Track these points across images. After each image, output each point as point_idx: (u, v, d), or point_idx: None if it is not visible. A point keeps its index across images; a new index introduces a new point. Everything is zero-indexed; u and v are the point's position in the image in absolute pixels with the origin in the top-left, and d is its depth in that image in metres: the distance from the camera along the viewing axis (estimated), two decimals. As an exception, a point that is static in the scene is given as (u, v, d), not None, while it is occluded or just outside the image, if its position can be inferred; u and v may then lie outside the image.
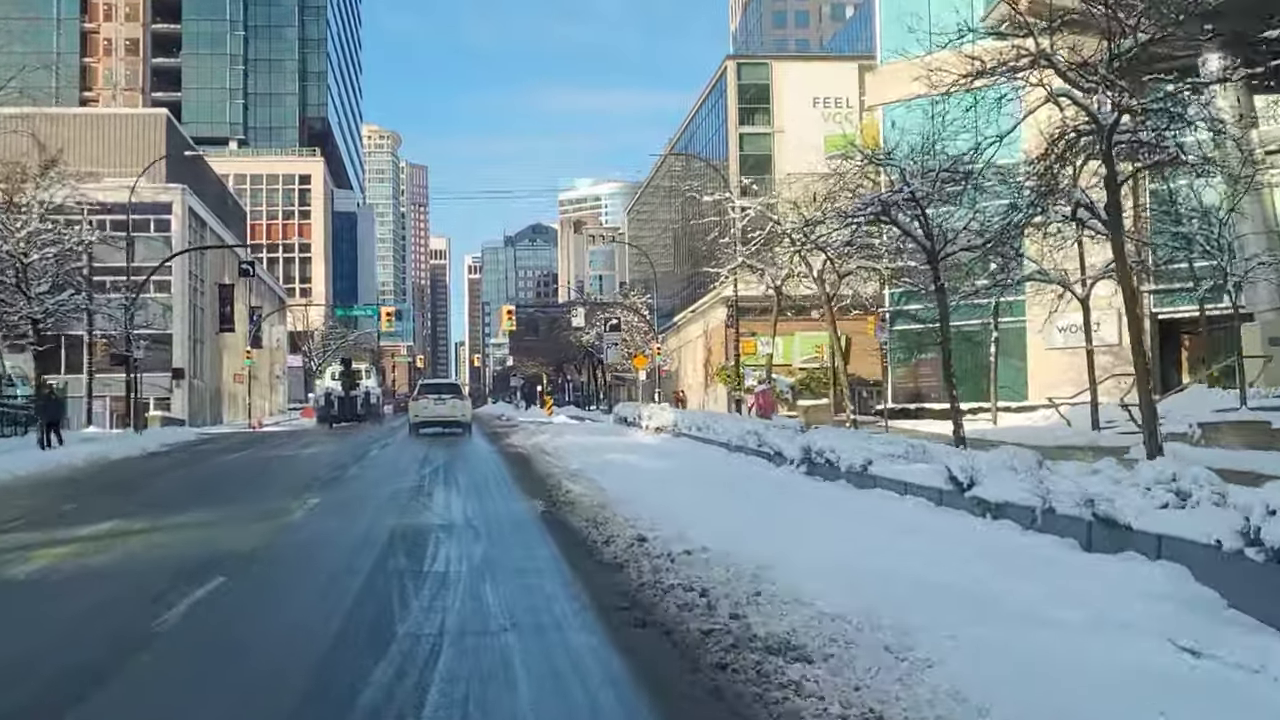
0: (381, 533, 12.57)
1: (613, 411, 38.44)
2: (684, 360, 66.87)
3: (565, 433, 32.96)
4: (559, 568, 10.14)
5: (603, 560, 10.47)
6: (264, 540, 12.14)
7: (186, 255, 60.59)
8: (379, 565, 10.28)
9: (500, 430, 39.56)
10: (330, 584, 9.49)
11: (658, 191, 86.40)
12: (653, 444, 26.66)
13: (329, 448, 31.78)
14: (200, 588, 9.10)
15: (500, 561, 10.47)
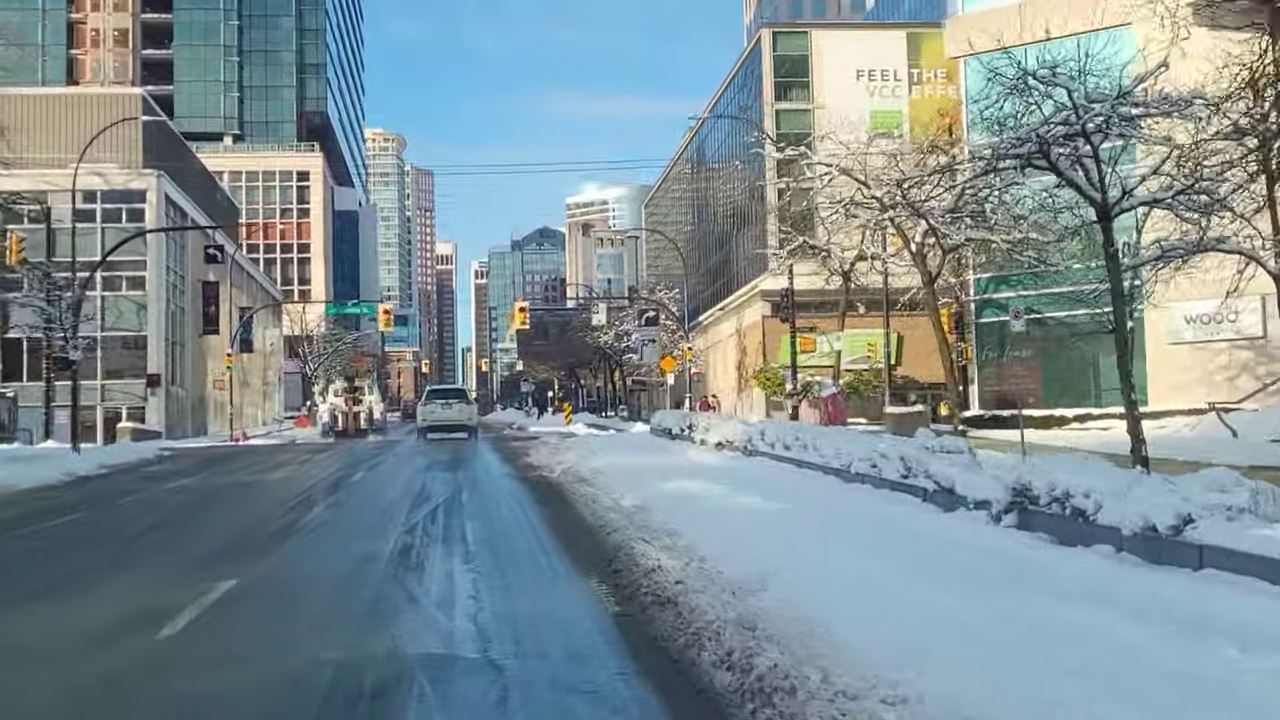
0: (306, 699, 6.01)
1: (651, 422, 31.76)
2: (713, 363, 60.33)
3: (597, 449, 26.42)
4: None
5: None
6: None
7: (162, 248, 54.13)
8: None
9: (516, 444, 33.00)
10: None
11: (675, 186, 79.93)
12: (724, 467, 20.10)
13: (306, 470, 25.29)
14: None
15: None
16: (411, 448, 34.50)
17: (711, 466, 20.47)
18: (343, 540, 12.55)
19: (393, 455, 29.76)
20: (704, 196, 69.77)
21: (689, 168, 76.85)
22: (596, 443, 30.12)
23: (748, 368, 56.53)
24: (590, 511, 14.52)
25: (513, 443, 33.99)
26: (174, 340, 56.75)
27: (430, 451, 30.24)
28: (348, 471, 23.43)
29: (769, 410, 53.43)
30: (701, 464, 21.36)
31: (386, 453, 31.20)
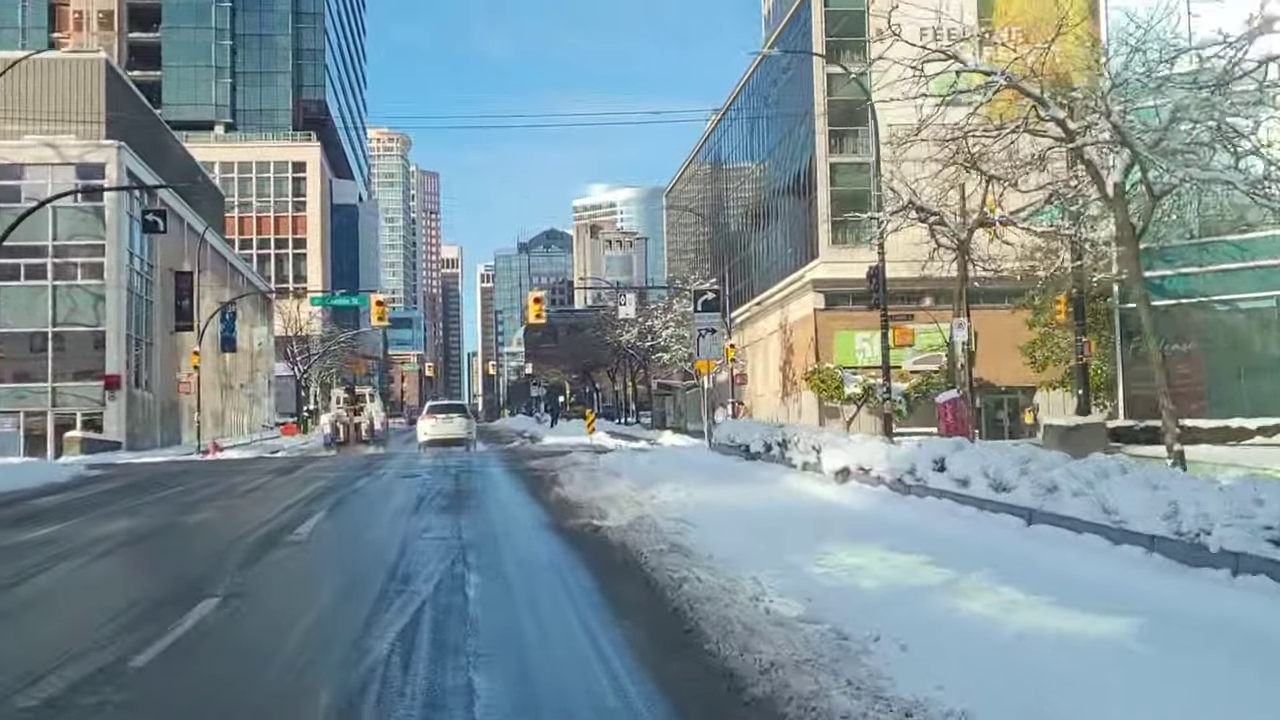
0: None
1: (715, 434, 24.00)
2: (750, 365, 52.52)
3: (652, 474, 18.83)
4: None
5: None
6: None
7: (125, 231, 46.49)
8: None
9: (537, 464, 25.18)
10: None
11: (690, 187, 72.16)
12: (896, 518, 12.40)
13: (247, 506, 17.69)
14: None
15: None
16: (406, 466, 26.91)
17: (867, 515, 12.78)
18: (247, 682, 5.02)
19: (380, 480, 22.07)
20: (732, 185, 62.15)
21: (712, 158, 69.16)
22: (644, 463, 22.43)
23: (794, 369, 48.82)
24: (731, 643, 6.85)
25: (532, 461, 26.21)
26: (140, 337, 49.12)
27: (427, 475, 22.57)
28: (303, 511, 15.75)
29: (822, 418, 45.72)
30: (841, 508, 13.69)
31: (374, 475, 23.53)
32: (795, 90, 51.54)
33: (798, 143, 51.69)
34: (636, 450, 29.30)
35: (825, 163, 47.97)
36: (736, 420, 24.14)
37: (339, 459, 32.61)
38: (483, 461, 28.04)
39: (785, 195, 53.39)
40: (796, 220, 51.98)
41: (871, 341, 46.18)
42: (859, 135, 49.11)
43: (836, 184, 48.29)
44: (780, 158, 54.45)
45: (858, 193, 48.53)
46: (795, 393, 48.98)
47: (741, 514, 13.12)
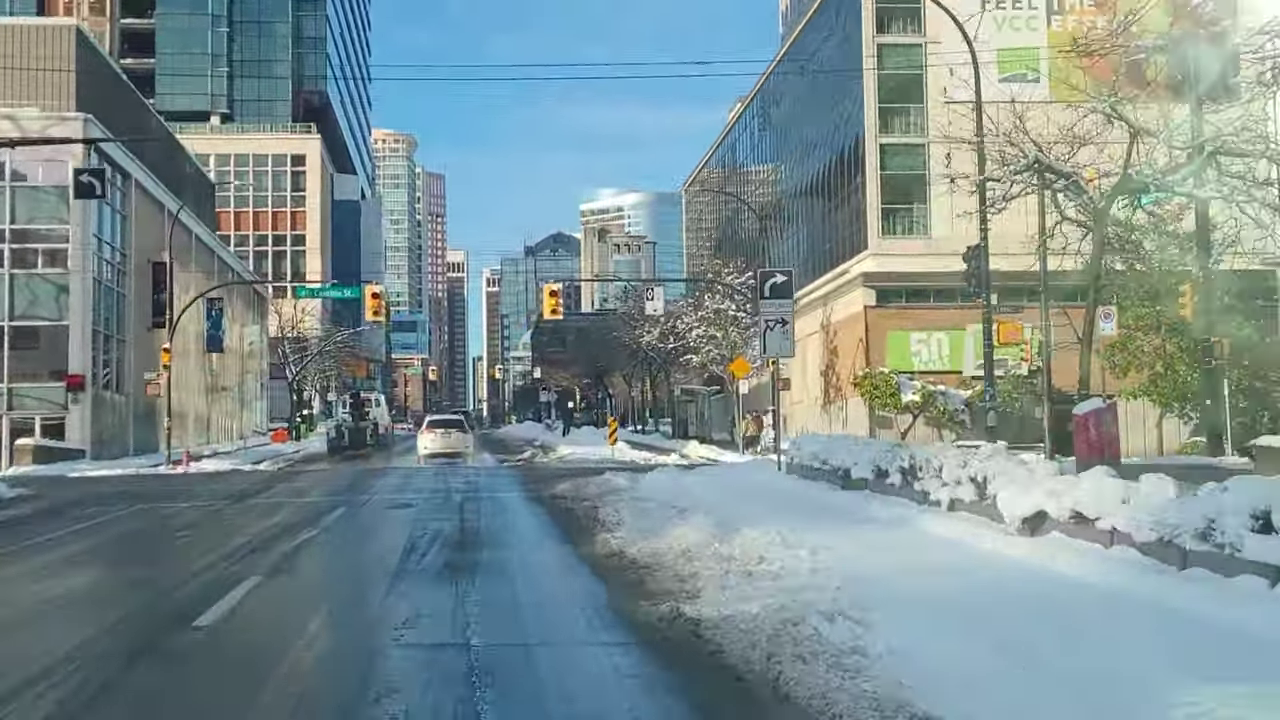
0: None
1: (789, 453, 18.45)
2: (785, 368, 46.93)
3: (741, 515, 13.50)
4: None
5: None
6: None
7: (92, 215, 41.27)
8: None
9: (564, 489, 19.50)
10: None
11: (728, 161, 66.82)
12: (1230, 619, 6.93)
13: (173, 561, 12.43)
14: None
15: None
16: (400, 487, 21.59)
17: (1179, 611, 7.40)
18: None
19: (361, 512, 16.72)
20: (762, 173, 56.84)
21: (740, 145, 63.83)
22: (702, 490, 17.12)
23: (839, 374, 43.43)
24: None
25: (556, 485, 20.65)
26: (109, 333, 43.90)
27: (423, 505, 17.19)
28: (225, 574, 10.37)
29: (873, 428, 40.31)
30: (1089, 588, 8.37)
31: (356, 503, 18.17)
32: (840, 64, 46.22)
33: (841, 123, 46.39)
34: (681, 469, 23.92)
35: (875, 144, 42.66)
36: (823, 437, 18.70)
37: (322, 476, 27.30)
38: (493, 482, 22.70)
39: (825, 182, 48.07)
40: (840, 209, 46.66)
41: (928, 343, 40.95)
42: (911, 114, 43.82)
43: (888, 167, 42.97)
44: (820, 140, 49.16)
45: (912, 177, 43.32)
46: (839, 400, 43.58)
47: (941, 601, 7.77)
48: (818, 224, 49.51)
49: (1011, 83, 43.20)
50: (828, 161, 47.77)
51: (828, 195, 48.04)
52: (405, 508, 16.67)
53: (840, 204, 46.40)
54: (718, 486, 17.86)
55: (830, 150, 47.54)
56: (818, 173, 49.38)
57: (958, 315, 41.16)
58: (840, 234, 45.99)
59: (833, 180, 47.22)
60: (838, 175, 46.64)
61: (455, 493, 19.47)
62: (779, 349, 20.59)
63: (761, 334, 20.82)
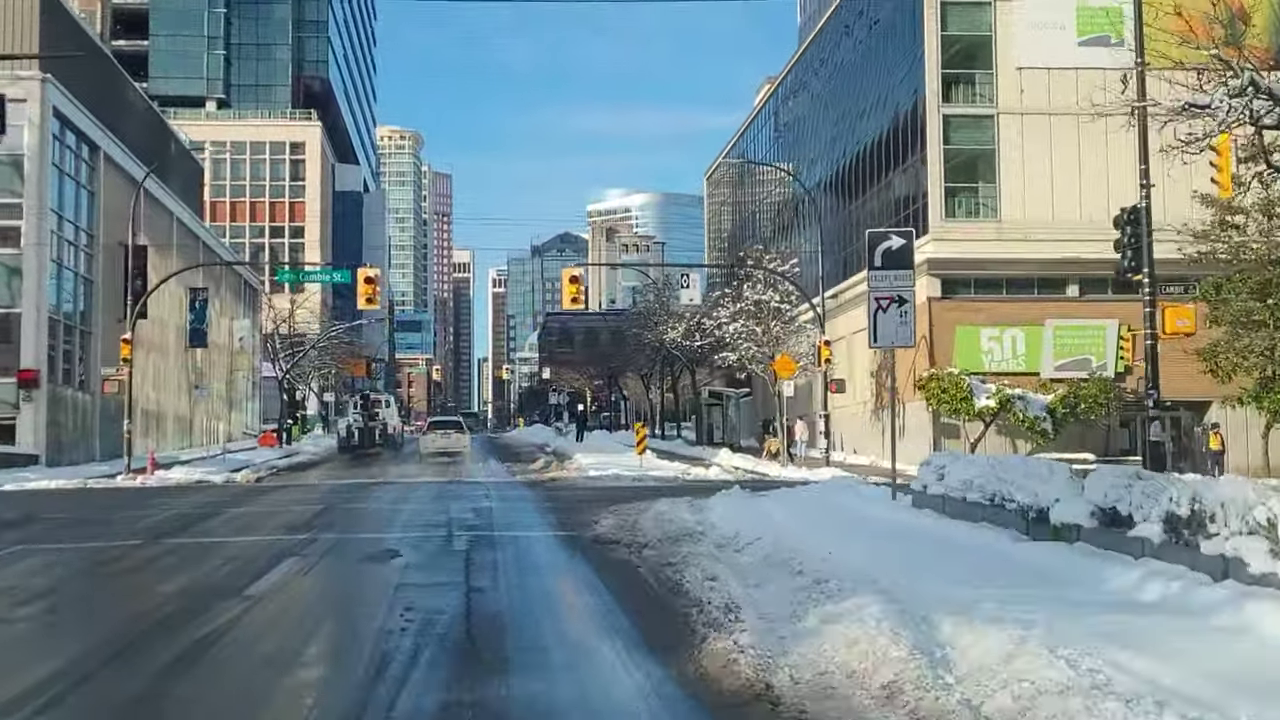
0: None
1: (920, 482, 12.88)
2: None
3: (923, 600, 8.04)
4: None
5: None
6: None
7: (50, 189, 36.05)
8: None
9: (607, 527, 13.98)
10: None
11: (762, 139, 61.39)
12: None
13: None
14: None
15: None
16: (386, 520, 16.26)
17: None
18: None
19: (314, 571, 11.27)
20: (802, 149, 51.42)
21: (775, 122, 58.43)
22: (808, 531, 11.92)
23: (896, 373, 38.00)
24: None
25: (596, 515, 15.18)
26: (72, 323, 38.69)
27: (412, 557, 11.77)
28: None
29: (937, 437, 35.01)
30: None
31: (310, 552, 12.77)
32: (895, 27, 40.87)
33: (893, 94, 41.05)
34: (747, 489, 18.57)
35: (937, 115, 37.31)
36: (977, 457, 13.34)
37: (296, 495, 21.98)
38: (509, 510, 17.32)
39: (875, 160, 42.71)
40: (892, 189, 41.29)
41: (1001, 340, 35.62)
42: (977, 83, 38.48)
43: (952, 141, 37.62)
44: (867, 114, 43.81)
45: (979, 153, 37.99)
46: (890, 404, 38.15)
47: None
48: (865, 207, 44.15)
49: (1092, 46, 37.94)
50: (877, 137, 42.39)
51: (877, 175, 42.66)
52: (386, 560, 11.34)
53: (893, 184, 41.05)
54: (830, 527, 12.52)
55: (880, 125, 42.16)
56: (865, 150, 43.99)
57: (1034, 308, 35.95)
58: (893, 217, 40.64)
59: (884, 158, 41.87)
60: (890, 152, 41.30)
61: (460, 529, 14.14)
62: (894, 336, 15.33)
63: (870, 317, 15.54)
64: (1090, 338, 35.48)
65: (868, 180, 43.47)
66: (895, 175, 40.57)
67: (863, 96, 44.21)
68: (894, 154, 40.73)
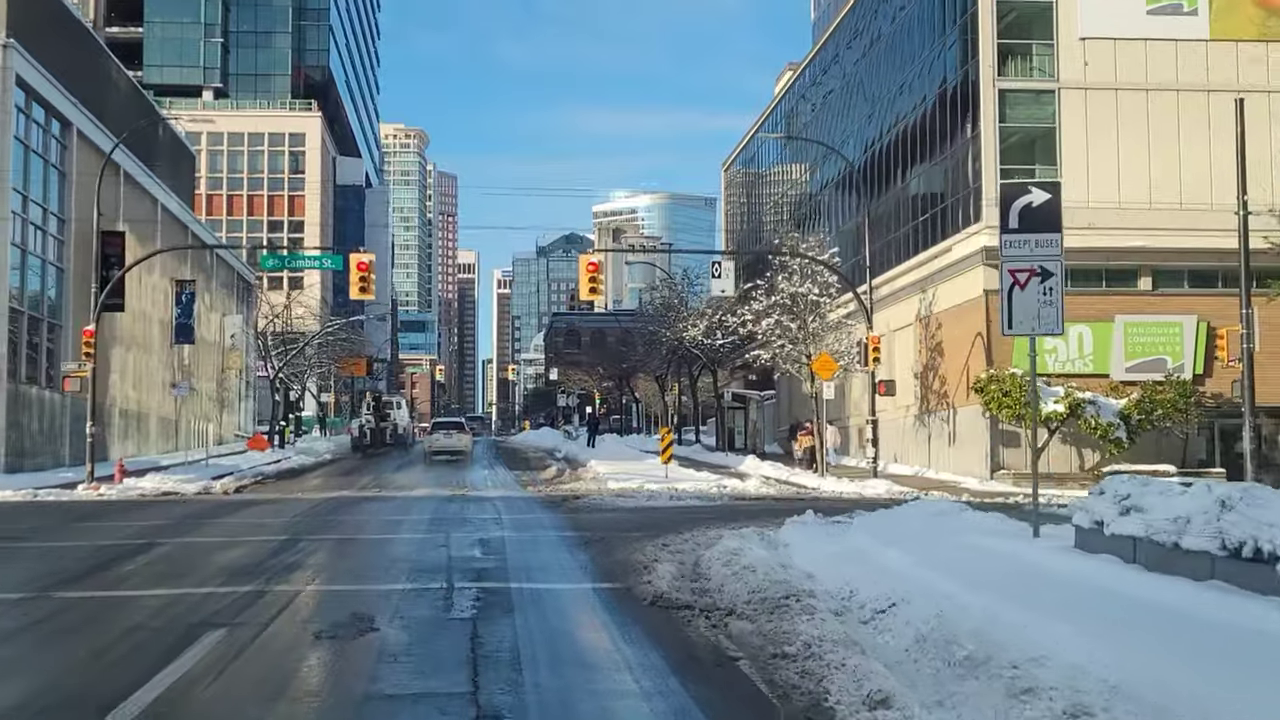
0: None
1: (1090, 516, 9.14)
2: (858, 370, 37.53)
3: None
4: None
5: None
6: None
7: (9, 164, 32.31)
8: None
9: (680, 594, 9.43)
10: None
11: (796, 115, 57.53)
12: None
13: None
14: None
15: None
16: (373, 554, 12.49)
17: None
18: None
19: (236, 673, 7.44)
20: (833, 129, 47.58)
21: (803, 102, 54.61)
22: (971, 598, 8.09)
23: (945, 376, 34.29)
24: None
25: (645, 555, 11.27)
26: (38, 315, 35.00)
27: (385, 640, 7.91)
28: None
29: (995, 446, 31.20)
30: None
31: (270, 598, 9.06)
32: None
33: (936, 69, 37.30)
34: (824, 517, 14.82)
35: (992, 89, 33.53)
36: (1197, 486, 9.61)
37: (266, 513, 18.20)
38: (527, 546, 13.38)
39: (915, 143, 38.93)
40: (936, 174, 37.51)
41: (1066, 337, 31.78)
42: (1034, 55, 34.72)
43: (1008, 119, 33.84)
44: (908, 92, 40.03)
45: (1039, 131, 34.22)
46: (942, 408, 34.44)
47: None
48: (904, 194, 40.37)
49: (1162, 15, 34.21)
50: (921, 116, 38.60)
51: (918, 158, 38.87)
52: (353, 639, 7.53)
53: (937, 168, 37.26)
54: (983, 583, 8.72)
55: (924, 103, 38.38)
56: (905, 131, 40.18)
57: (1102, 302, 32.16)
58: (938, 205, 36.87)
59: (928, 139, 38.09)
60: (933, 134, 37.54)
61: (464, 578, 10.33)
62: (1035, 322, 11.63)
63: (1003, 297, 11.81)
64: (1166, 336, 31.71)
65: (908, 163, 39.67)
66: (942, 157, 36.79)
67: (902, 72, 40.41)
68: (940, 134, 36.95)
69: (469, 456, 43.02)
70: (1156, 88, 33.65)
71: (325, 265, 46.97)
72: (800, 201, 53.33)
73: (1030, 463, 29.67)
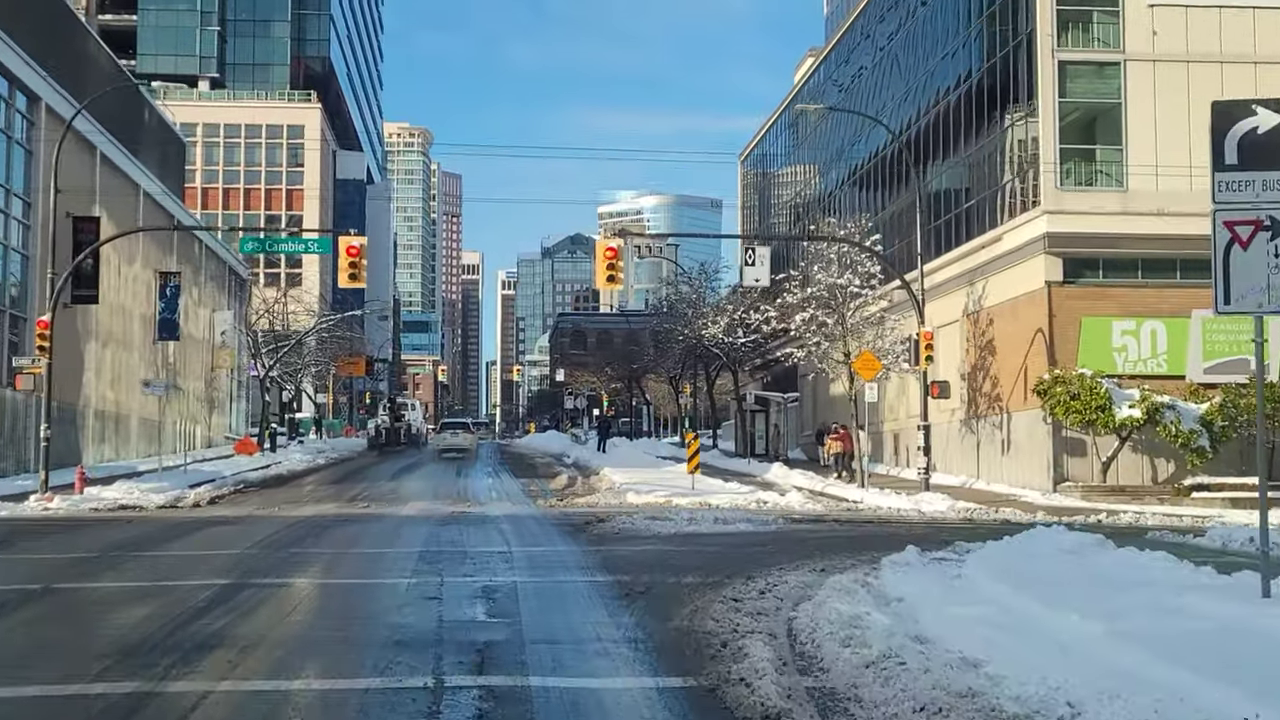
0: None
1: None
2: (898, 370, 34.04)
3: None
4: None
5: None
6: None
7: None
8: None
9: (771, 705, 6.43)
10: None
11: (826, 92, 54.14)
12: None
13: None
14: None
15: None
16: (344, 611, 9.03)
17: None
18: None
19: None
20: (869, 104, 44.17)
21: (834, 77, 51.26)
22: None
23: (997, 376, 30.82)
24: None
25: (724, 646, 7.74)
26: (3, 307, 31.65)
27: None
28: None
29: (1058, 454, 27.72)
30: None
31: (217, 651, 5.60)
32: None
33: (989, 37, 33.86)
34: (940, 559, 11.43)
35: (1051, 60, 30.12)
36: None
37: (227, 538, 14.87)
38: (549, 601, 9.72)
39: (961, 121, 35.50)
40: (984, 155, 34.09)
41: (1138, 334, 28.51)
42: (1096, 23, 31.29)
43: (1070, 94, 30.42)
44: (950, 67, 36.62)
45: (1102, 108, 30.83)
46: (993, 413, 30.99)
47: None
48: (947, 178, 36.98)
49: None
50: (965, 94, 35.21)
51: (963, 139, 35.49)
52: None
53: (984, 150, 33.87)
54: (1251, 684, 5.32)
55: (967, 79, 34.98)
56: (946, 111, 36.79)
57: (1177, 296, 28.62)
58: (988, 187, 33.49)
59: (973, 119, 34.72)
60: (980, 112, 34.17)
61: (460, 669, 6.85)
62: (1265, 295, 8.30)
63: (1218, 258, 8.47)
64: (1251, 333, 28.25)
65: (950, 144, 36.27)
66: (991, 137, 33.39)
67: (944, 45, 37.02)
68: (989, 112, 33.57)
69: (474, 454, 46.69)
70: (1233, 60, 30.19)
71: (312, 249, 43.41)
72: (819, 197, 49.94)
73: (1099, 473, 26.03)
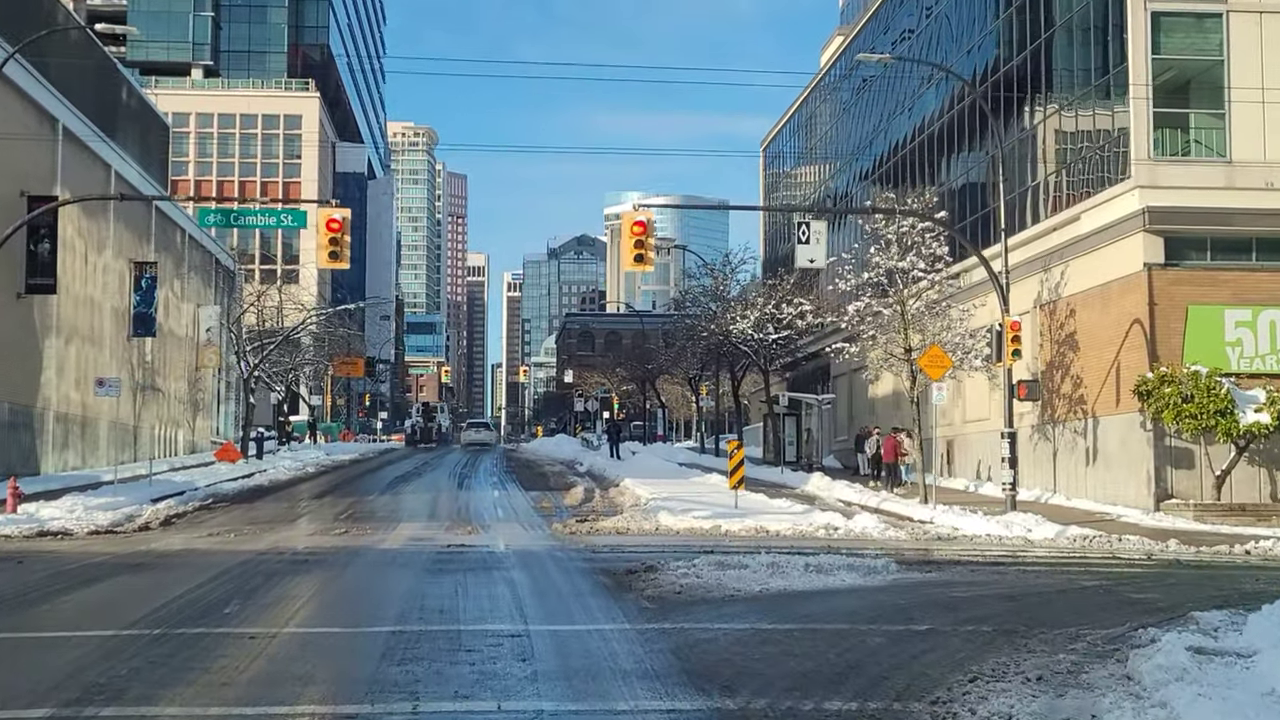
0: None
1: None
2: (960, 366, 29.63)
3: None
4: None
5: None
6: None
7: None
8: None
9: None
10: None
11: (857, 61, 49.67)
12: None
13: None
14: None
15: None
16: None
17: None
18: None
19: None
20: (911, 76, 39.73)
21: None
22: None
23: (1081, 374, 26.51)
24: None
25: None
26: (-66, 295, 27.49)
27: None
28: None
29: (1161, 466, 23.41)
30: None
31: None
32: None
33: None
34: (1209, 659, 7.09)
35: (1143, 10, 25.90)
36: None
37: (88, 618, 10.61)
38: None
39: (1030, 83, 31.20)
40: (1067, 119, 29.78)
41: (1255, 325, 24.31)
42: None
43: (1164, 49, 26.18)
44: (1016, 18, 32.31)
45: (1201, 66, 26.59)
46: (1076, 417, 26.67)
47: None
48: (1017, 148, 32.67)
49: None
50: (1034, 54, 30.93)
51: (1034, 105, 31.21)
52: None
53: (1059, 117, 29.60)
54: None
55: (1038, 37, 30.70)
56: (1014, 72, 32.43)
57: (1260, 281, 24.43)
58: (1065, 159, 29.25)
59: (1046, 82, 30.48)
60: (1055, 74, 29.95)
61: None
62: None
63: None
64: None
65: (1018, 111, 32.00)
66: (1068, 102, 29.13)
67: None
68: (1066, 74, 29.33)
69: (493, 447, 57.51)
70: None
71: (285, 223, 38.88)
72: (861, 173, 45.68)
73: (1211, 489, 21.49)
